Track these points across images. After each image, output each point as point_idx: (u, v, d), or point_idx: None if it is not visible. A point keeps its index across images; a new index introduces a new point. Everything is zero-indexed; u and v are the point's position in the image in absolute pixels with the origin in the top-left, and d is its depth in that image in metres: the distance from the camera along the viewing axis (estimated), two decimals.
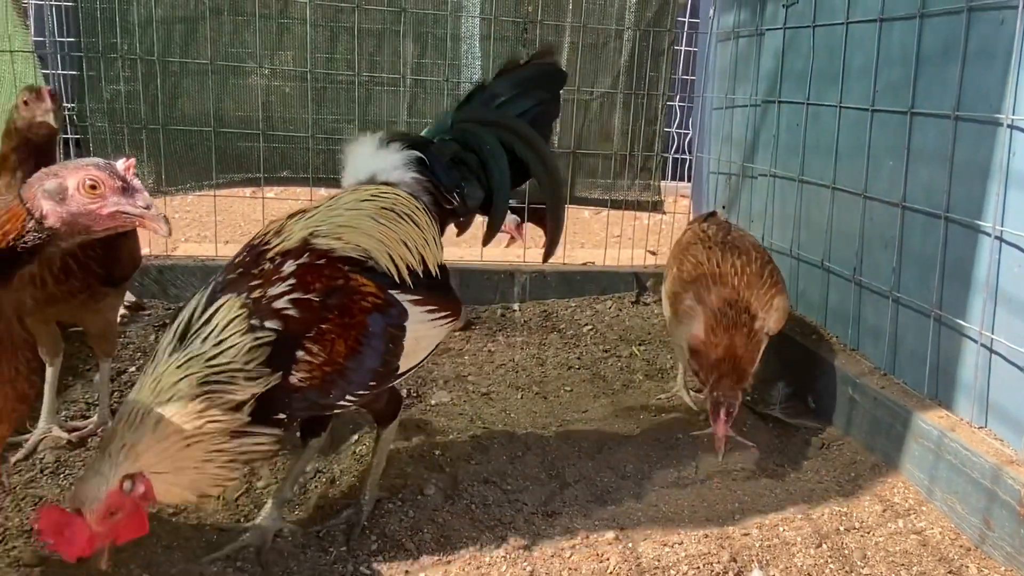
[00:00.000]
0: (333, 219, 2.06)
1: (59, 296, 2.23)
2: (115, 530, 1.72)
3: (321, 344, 1.83)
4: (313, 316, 1.84)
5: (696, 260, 2.76)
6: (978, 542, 2.20)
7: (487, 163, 2.35)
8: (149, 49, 3.66)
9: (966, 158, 2.43)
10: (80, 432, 2.53)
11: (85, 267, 2.25)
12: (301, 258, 1.92)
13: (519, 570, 2.01)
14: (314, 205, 2.15)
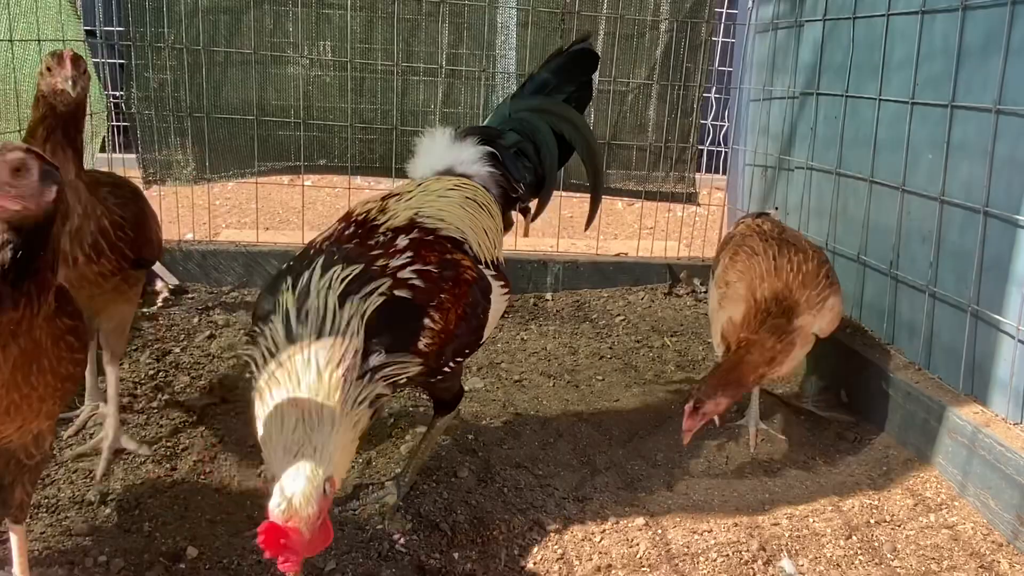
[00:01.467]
0: (430, 203, 2.17)
1: (91, 278, 2.18)
2: (321, 536, 1.61)
3: (440, 312, 1.93)
4: (434, 286, 1.94)
5: (752, 250, 2.72)
6: (1011, 538, 2.19)
7: (541, 149, 2.52)
8: (194, 39, 3.74)
9: (1007, 152, 2.41)
10: (91, 447, 2.41)
11: (116, 248, 2.22)
12: (412, 234, 2.02)
13: (550, 552, 2.05)
14: (405, 190, 2.24)
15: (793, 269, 2.60)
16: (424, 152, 2.43)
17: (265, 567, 1.92)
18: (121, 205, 2.28)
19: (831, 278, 2.67)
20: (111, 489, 2.22)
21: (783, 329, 2.47)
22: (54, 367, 1.52)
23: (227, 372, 2.98)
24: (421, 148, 2.44)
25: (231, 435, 2.51)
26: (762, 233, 2.84)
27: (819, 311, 2.56)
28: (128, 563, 1.92)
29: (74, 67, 2.05)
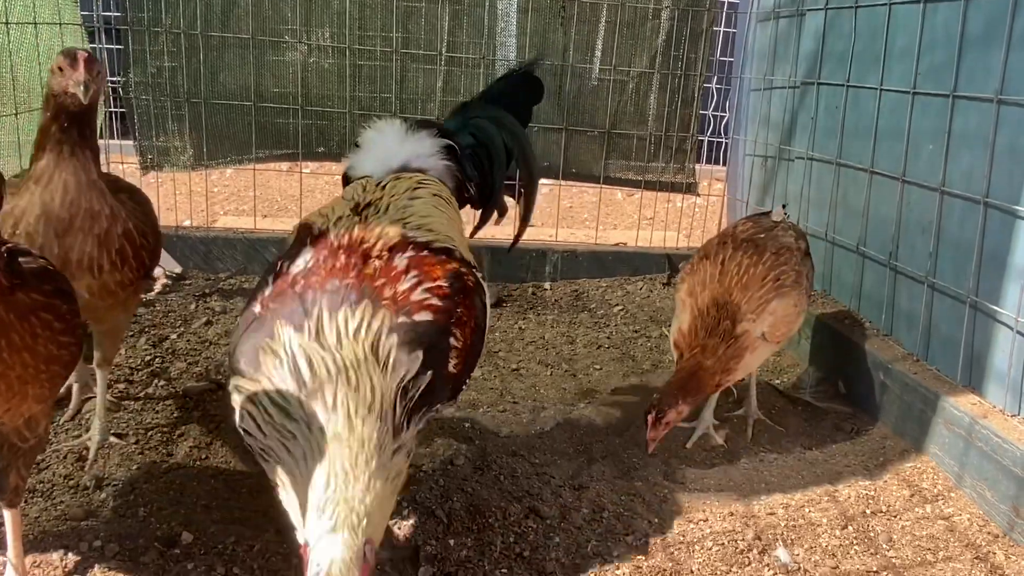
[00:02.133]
0: (408, 210, 1.97)
1: (111, 288, 2.10)
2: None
3: (460, 328, 1.77)
4: (450, 302, 1.77)
5: (704, 256, 2.64)
6: (1007, 529, 2.19)
7: (493, 159, 2.44)
8: (192, 23, 3.72)
9: (1008, 143, 2.39)
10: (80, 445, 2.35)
11: (139, 256, 2.14)
12: (407, 252, 1.80)
13: (546, 540, 2.05)
14: (373, 196, 2.00)
15: (739, 272, 2.50)
16: (373, 146, 2.25)
17: (260, 553, 1.92)
18: (140, 211, 2.24)
19: (782, 280, 2.53)
20: (106, 474, 2.22)
21: (729, 334, 2.40)
22: (28, 344, 1.48)
23: (224, 359, 2.97)
24: (369, 141, 2.27)
25: (227, 422, 2.50)
26: (730, 235, 2.74)
27: (759, 315, 2.45)
28: (123, 548, 1.92)
29: (87, 71, 1.95)
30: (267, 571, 1.87)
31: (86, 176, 2.02)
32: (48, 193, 1.98)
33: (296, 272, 1.73)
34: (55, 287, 1.60)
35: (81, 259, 2.01)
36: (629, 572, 1.95)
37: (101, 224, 2.03)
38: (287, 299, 1.66)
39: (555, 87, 4.14)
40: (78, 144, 2.02)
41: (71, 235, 2.00)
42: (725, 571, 1.98)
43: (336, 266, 1.73)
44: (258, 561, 1.90)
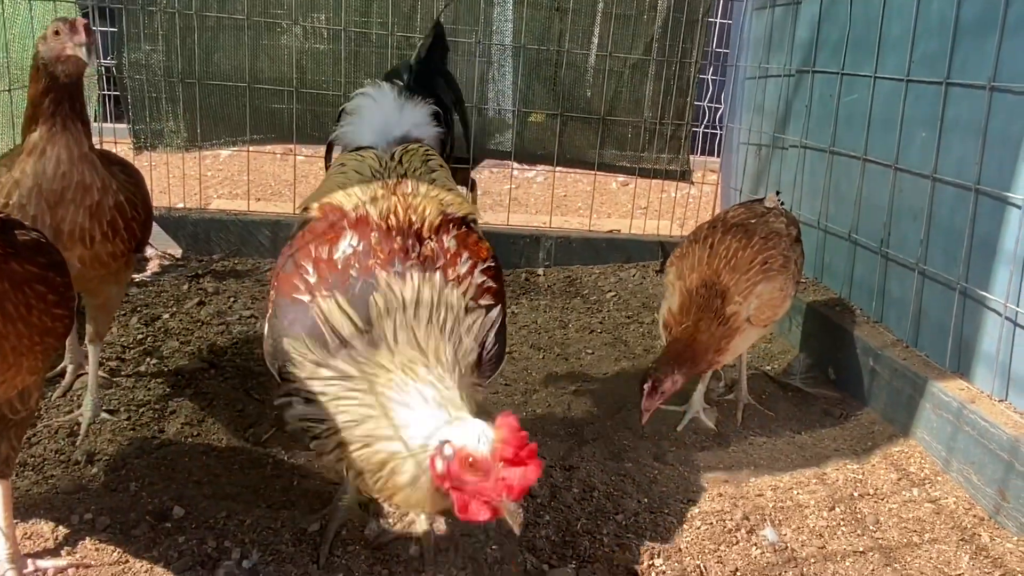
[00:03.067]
0: (436, 184, 1.96)
1: (103, 259, 2.12)
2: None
3: (502, 303, 1.79)
4: (499, 283, 1.80)
5: (694, 238, 2.68)
6: (992, 512, 2.21)
7: (449, 118, 2.45)
8: (186, 3, 3.70)
9: (1000, 130, 2.41)
10: (71, 421, 2.35)
11: (130, 227, 2.16)
12: (450, 230, 1.80)
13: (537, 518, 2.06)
14: (395, 172, 1.97)
15: (728, 255, 2.52)
16: (370, 114, 2.18)
17: (251, 527, 1.93)
18: (132, 183, 2.25)
19: (769, 264, 2.54)
20: (98, 449, 2.22)
21: (720, 313, 2.42)
22: (24, 315, 1.49)
23: (216, 338, 2.97)
24: (364, 109, 2.18)
25: (219, 399, 2.51)
26: (721, 220, 2.76)
27: (746, 297, 2.47)
28: (114, 521, 1.92)
29: (87, 34, 1.95)
30: (258, 545, 1.87)
31: (78, 149, 2.03)
32: (41, 165, 1.99)
33: (346, 255, 1.68)
34: (49, 260, 1.60)
35: (73, 230, 2.03)
36: (618, 550, 1.96)
37: (92, 196, 2.04)
38: (348, 282, 1.63)
39: (551, 74, 4.14)
40: (70, 117, 2.03)
41: (63, 206, 2.01)
42: (713, 549, 2.00)
43: (394, 248, 1.70)
44: (249, 535, 1.90)
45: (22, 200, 1.97)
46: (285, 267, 1.73)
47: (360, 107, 2.24)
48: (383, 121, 2.20)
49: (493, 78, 4.14)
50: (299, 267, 1.69)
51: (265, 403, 2.53)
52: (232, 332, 3.03)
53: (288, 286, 1.68)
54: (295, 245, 1.77)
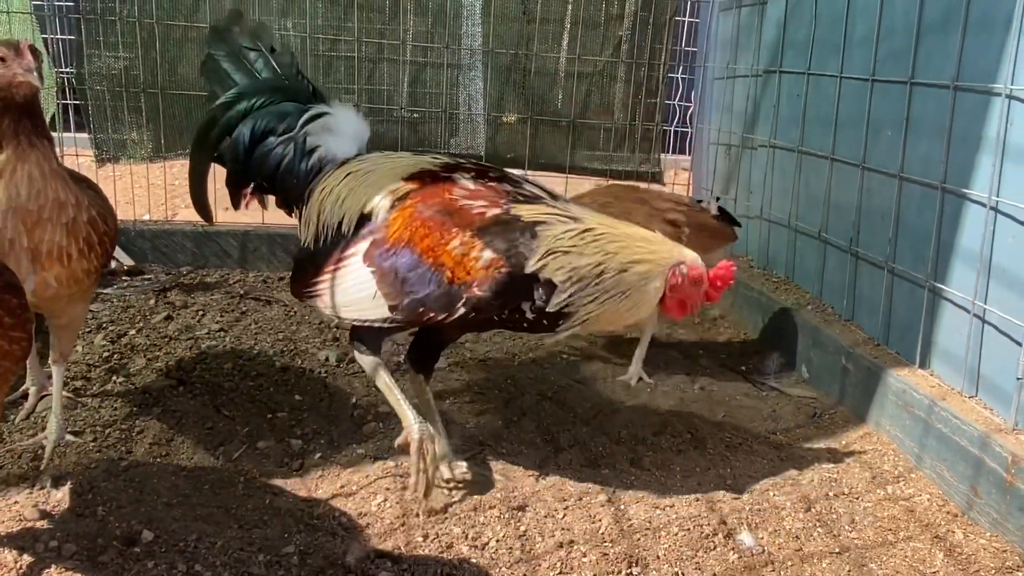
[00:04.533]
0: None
1: (78, 276, 2.09)
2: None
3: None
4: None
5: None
6: (965, 508, 2.23)
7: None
8: (148, 13, 3.64)
9: (964, 129, 2.43)
10: (35, 444, 2.30)
11: (103, 243, 2.13)
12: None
13: (512, 530, 2.04)
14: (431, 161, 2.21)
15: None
16: (345, 127, 2.29)
17: (223, 549, 1.89)
18: (99, 198, 2.22)
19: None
20: (63, 473, 2.16)
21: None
22: None
23: (184, 354, 2.92)
24: (340, 124, 2.29)
25: (188, 417, 2.46)
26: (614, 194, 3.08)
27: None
28: (80, 548, 1.87)
29: (35, 57, 1.94)
30: (229, 568, 1.83)
31: (48, 166, 1.99)
32: (13, 187, 1.95)
33: (482, 184, 2.07)
34: (4, 282, 1.56)
35: (51, 249, 2.00)
36: (596, 559, 1.95)
37: (68, 212, 2.01)
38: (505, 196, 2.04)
39: (520, 79, 4.13)
40: (34, 134, 1.99)
41: (40, 226, 1.97)
42: (691, 556, 1.99)
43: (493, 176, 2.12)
44: (220, 558, 1.87)
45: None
46: (436, 215, 1.99)
47: (337, 123, 2.29)
48: (355, 131, 2.29)
49: (463, 83, 4.12)
50: (459, 207, 1.99)
51: (236, 420, 2.49)
52: (201, 347, 2.98)
53: (469, 217, 1.97)
54: (421, 206, 2.02)
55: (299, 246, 2.29)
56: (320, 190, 2.21)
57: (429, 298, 1.96)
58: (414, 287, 1.97)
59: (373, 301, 2.04)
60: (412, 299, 1.98)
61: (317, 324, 3.27)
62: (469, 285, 1.93)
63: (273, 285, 3.74)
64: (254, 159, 2.28)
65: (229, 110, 2.29)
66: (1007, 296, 2.27)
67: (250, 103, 2.28)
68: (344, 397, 2.70)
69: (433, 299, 1.96)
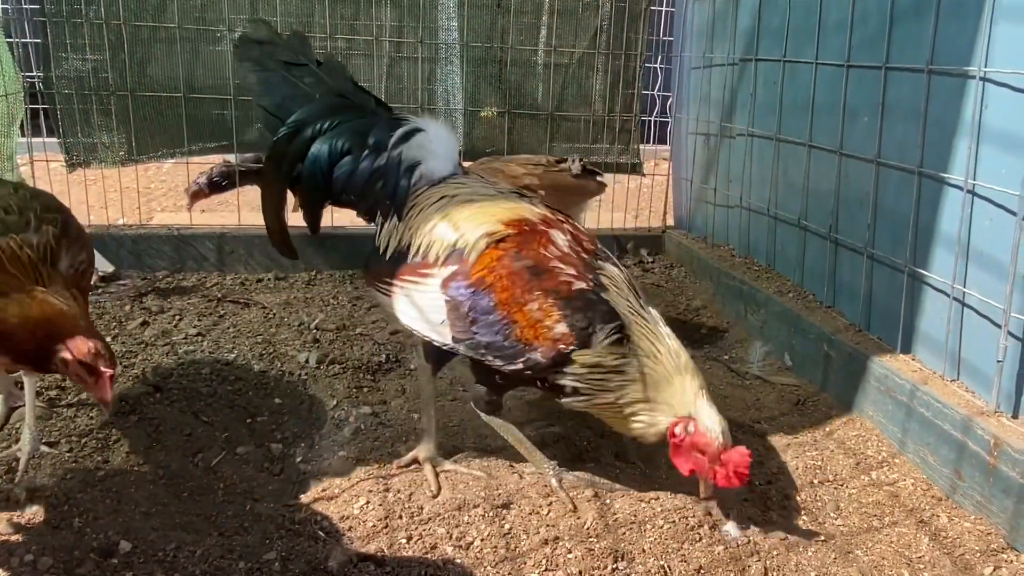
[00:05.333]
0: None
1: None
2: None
3: None
4: None
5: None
6: (949, 492, 2.24)
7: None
8: (115, 14, 3.57)
9: (939, 112, 2.43)
10: (9, 456, 2.25)
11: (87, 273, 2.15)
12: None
13: (496, 528, 2.03)
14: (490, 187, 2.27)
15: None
16: (439, 146, 2.27)
17: (203, 558, 1.86)
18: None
19: None
20: (38, 485, 2.12)
21: None
22: None
23: (161, 360, 2.88)
24: (432, 143, 2.26)
25: (165, 424, 2.42)
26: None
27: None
28: (57, 561, 1.84)
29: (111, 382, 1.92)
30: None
31: None
32: None
33: (570, 247, 2.10)
34: None
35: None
36: (581, 554, 1.93)
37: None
38: (588, 267, 2.07)
39: (496, 72, 4.10)
40: None
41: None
42: (676, 548, 1.98)
43: (581, 236, 2.18)
44: (200, 567, 1.84)
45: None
46: (524, 270, 2.01)
47: (426, 142, 2.26)
48: (449, 147, 2.29)
49: (439, 78, 4.08)
50: (550, 268, 2.02)
51: (215, 425, 2.45)
52: (178, 352, 2.94)
53: (555, 283, 2.00)
54: (512, 255, 2.04)
55: (376, 247, 2.27)
56: (412, 207, 2.21)
57: (492, 345, 2.01)
58: (481, 330, 2.01)
59: (439, 326, 2.07)
60: (476, 339, 2.02)
61: (296, 326, 3.24)
62: (534, 348, 1.97)
63: (251, 287, 3.69)
64: (336, 178, 2.23)
65: (295, 138, 2.23)
66: (986, 279, 2.27)
67: (317, 127, 2.22)
68: (325, 399, 2.67)
69: (496, 347, 2.00)
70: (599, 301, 2.00)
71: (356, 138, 2.23)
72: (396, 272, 2.16)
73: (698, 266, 3.93)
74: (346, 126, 2.24)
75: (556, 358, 1.97)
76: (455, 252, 2.08)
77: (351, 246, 3.84)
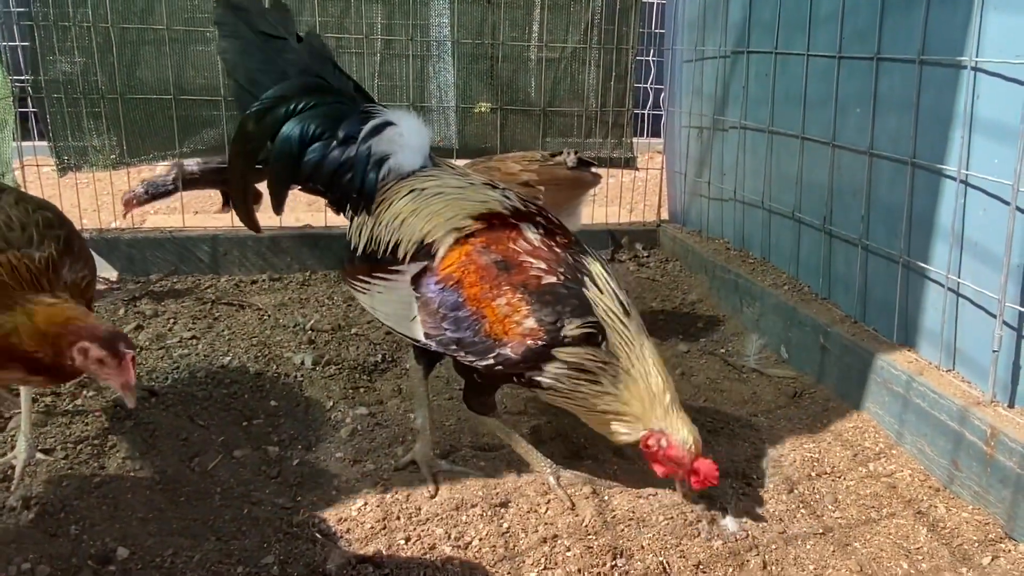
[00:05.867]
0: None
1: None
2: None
3: None
4: None
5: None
6: (946, 483, 2.24)
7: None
8: (103, 17, 3.55)
9: (931, 103, 2.42)
10: (4, 464, 2.24)
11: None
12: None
13: (494, 527, 2.02)
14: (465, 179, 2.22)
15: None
16: (409, 139, 2.21)
17: (201, 563, 1.86)
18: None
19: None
20: (34, 493, 2.11)
21: None
22: None
23: (156, 364, 2.87)
24: (407, 135, 2.20)
25: (161, 429, 2.42)
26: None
27: None
28: (54, 569, 1.83)
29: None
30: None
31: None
32: None
33: (542, 240, 2.05)
34: None
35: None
36: (580, 552, 1.93)
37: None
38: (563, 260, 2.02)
39: (488, 68, 4.08)
40: None
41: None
42: (675, 544, 1.98)
43: (556, 228, 2.13)
44: (198, 572, 1.83)
45: None
46: (492, 265, 1.98)
47: (397, 136, 2.20)
48: (421, 141, 2.23)
49: (431, 75, 4.07)
50: (519, 262, 1.98)
51: (211, 429, 2.45)
52: (173, 356, 2.93)
53: (524, 277, 1.97)
54: (480, 249, 2.00)
55: (347, 242, 2.23)
56: (380, 202, 2.16)
57: (463, 341, 1.99)
58: (452, 326, 1.99)
59: (411, 322, 2.06)
60: (447, 335, 2.00)
61: (291, 328, 3.23)
62: (503, 344, 1.95)
63: (245, 289, 3.68)
64: (305, 163, 2.16)
65: (267, 116, 2.15)
66: (980, 269, 2.27)
67: (291, 106, 2.15)
68: (321, 401, 2.66)
69: (467, 343, 1.98)
70: (570, 295, 1.96)
71: (328, 124, 2.16)
72: (368, 269, 2.13)
73: (693, 260, 3.93)
74: (320, 109, 2.16)
75: (526, 354, 1.94)
76: (423, 248, 2.04)
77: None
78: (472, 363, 2.01)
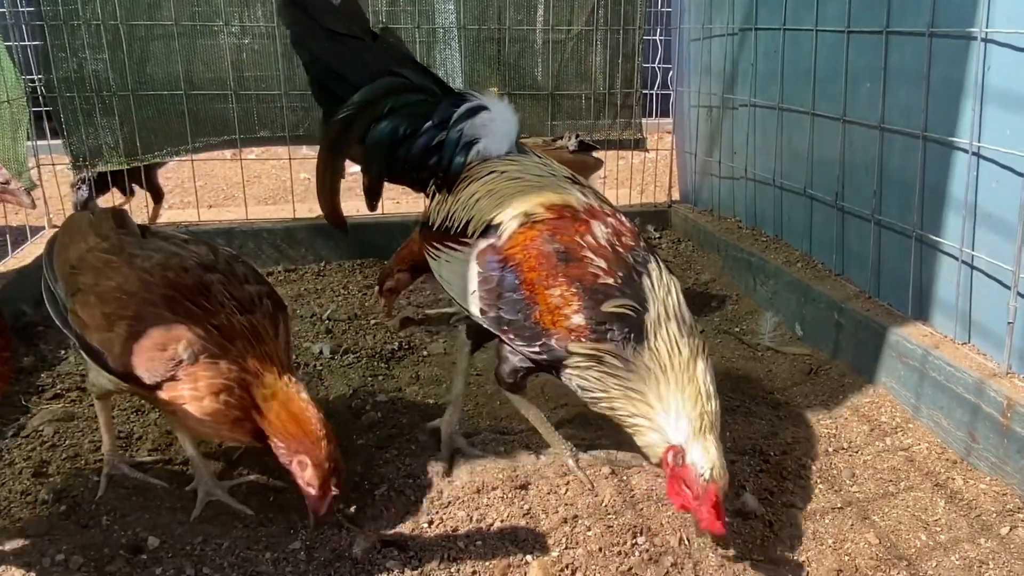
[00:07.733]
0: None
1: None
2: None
3: None
4: None
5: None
6: (964, 455, 2.25)
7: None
8: (112, 14, 3.57)
9: (942, 75, 2.41)
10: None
11: None
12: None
13: (516, 509, 2.06)
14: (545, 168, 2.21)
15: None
16: (500, 125, 2.24)
17: (229, 550, 1.90)
18: None
19: None
20: (65, 485, 2.17)
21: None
22: None
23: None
24: (494, 123, 2.22)
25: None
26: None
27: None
28: (87, 559, 1.88)
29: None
30: (237, 568, 1.84)
31: None
32: None
33: (608, 239, 2.00)
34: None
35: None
36: (601, 531, 1.96)
37: None
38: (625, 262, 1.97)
39: (495, 51, 4.08)
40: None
41: None
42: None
43: (624, 229, 2.07)
44: (227, 559, 1.88)
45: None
46: (554, 254, 1.97)
47: (488, 122, 2.23)
48: (509, 127, 2.26)
49: (438, 61, 4.07)
50: (580, 256, 1.96)
51: None
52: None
53: (581, 272, 1.94)
54: (546, 237, 1.99)
55: (426, 217, 2.28)
56: (462, 180, 2.19)
57: (514, 324, 2.00)
58: (505, 306, 2.01)
59: (470, 296, 2.09)
60: (499, 314, 2.02)
61: (309, 318, 3.26)
62: (550, 335, 1.95)
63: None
64: (397, 159, 2.22)
65: (357, 120, 2.20)
66: (994, 240, 2.27)
67: (383, 107, 2.19)
68: (341, 389, 2.70)
69: (516, 326, 2.00)
70: (622, 298, 1.92)
71: (419, 121, 2.21)
72: (441, 238, 2.18)
73: (705, 239, 3.93)
74: (410, 110, 2.21)
75: (569, 348, 1.95)
76: (492, 227, 2.08)
77: (359, 236, 3.86)
78: (519, 348, 2.02)
